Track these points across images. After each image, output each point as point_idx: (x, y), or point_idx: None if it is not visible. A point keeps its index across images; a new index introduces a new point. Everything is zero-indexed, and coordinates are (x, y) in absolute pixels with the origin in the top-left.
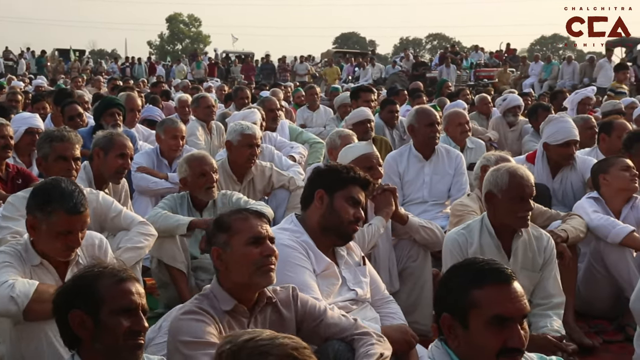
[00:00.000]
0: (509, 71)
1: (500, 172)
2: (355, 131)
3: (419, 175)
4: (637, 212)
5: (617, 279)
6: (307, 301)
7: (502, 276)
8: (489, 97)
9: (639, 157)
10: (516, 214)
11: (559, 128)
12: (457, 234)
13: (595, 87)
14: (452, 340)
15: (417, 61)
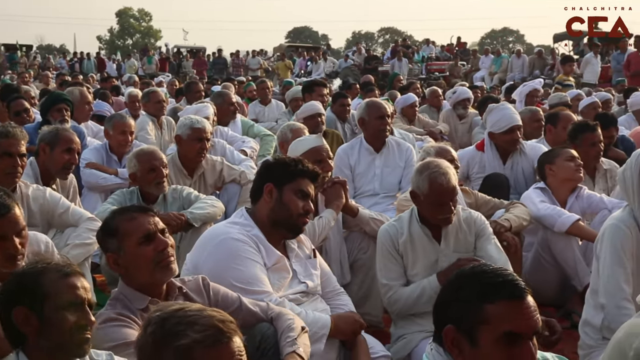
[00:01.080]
0: (460, 64)
1: (422, 176)
2: (306, 125)
3: (370, 167)
4: (582, 201)
5: (563, 267)
6: (218, 290)
7: (516, 291)
8: (439, 90)
9: (584, 147)
10: (437, 216)
11: (501, 116)
12: (389, 226)
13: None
14: (455, 354)
15: (369, 55)
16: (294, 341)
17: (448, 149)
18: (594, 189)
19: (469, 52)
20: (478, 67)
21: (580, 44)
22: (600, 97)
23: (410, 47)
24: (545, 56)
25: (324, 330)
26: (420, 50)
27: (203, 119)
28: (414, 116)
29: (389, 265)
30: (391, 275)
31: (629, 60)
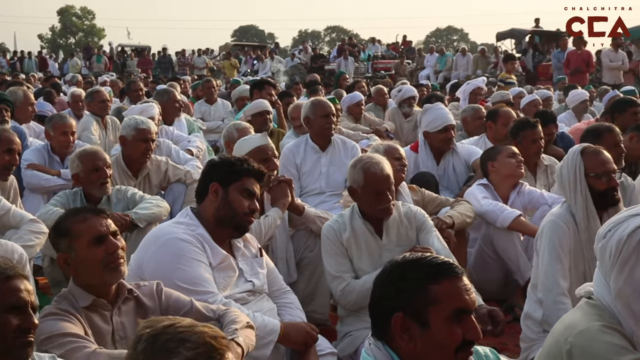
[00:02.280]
0: (406, 63)
1: (356, 169)
2: (254, 122)
3: (316, 166)
4: (523, 197)
5: (506, 262)
6: (170, 294)
7: (456, 270)
8: (384, 89)
9: (525, 144)
10: (377, 207)
11: (435, 115)
12: (333, 222)
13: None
14: (405, 342)
15: (315, 54)
16: (234, 331)
17: (396, 147)
18: (535, 185)
19: (415, 50)
20: (423, 66)
21: (522, 42)
22: (541, 94)
23: (357, 45)
24: (489, 54)
25: (272, 337)
26: (366, 49)
27: (148, 119)
28: (360, 114)
29: (339, 259)
30: (342, 268)
31: (568, 59)
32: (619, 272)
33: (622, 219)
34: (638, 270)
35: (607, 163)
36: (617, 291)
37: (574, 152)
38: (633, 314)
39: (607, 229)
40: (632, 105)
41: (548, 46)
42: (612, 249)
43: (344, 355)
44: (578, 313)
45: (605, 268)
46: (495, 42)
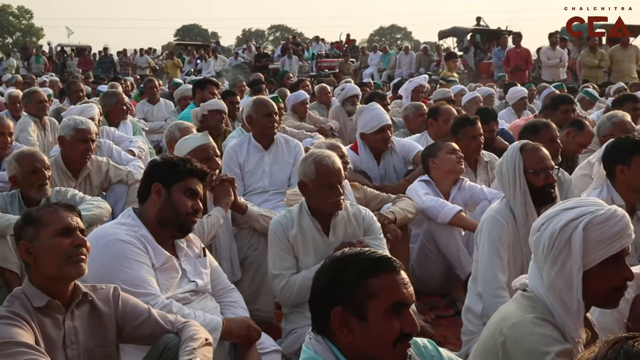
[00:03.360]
0: (350, 61)
1: (307, 162)
2: (211, 118)
3: (259, 165)
4: (464, 192)
5: (447, 257)
6: (128, 300)
7: (393, 264)
8: (328, 87)
9: (465, 140)
10: (327, 200)
11: (371, 116)
12: (281, 217)
13: (428, 76)
14: (344, 335)
15: (259, 52)
16: (192, 350)
17: (338, 145)
18: (475, 181)
19: (358, 49)
20: (367, 64)
21: (464, 40)
22: (482, 92)
23: (300, 44)
24: (432, 53)
25: (215, 334)
26: (311, 48)
27: (87, 119)
28: (304, 113)
29: (283, 255)
30: (284, 265)
31: (508, 57)
32: (551, 265)
33: (555, 212)
34: (569, 263)
35: (545, 160)
36: (549, 283)
37: (513, 148)
38: (564, 305)
39: (540, 222)
40: (565, 103)
41: (489, 44)
42: (545, 242)
43: (288, 353)
44: (513, 305)
45: (538, 261)
46: (438, 41)
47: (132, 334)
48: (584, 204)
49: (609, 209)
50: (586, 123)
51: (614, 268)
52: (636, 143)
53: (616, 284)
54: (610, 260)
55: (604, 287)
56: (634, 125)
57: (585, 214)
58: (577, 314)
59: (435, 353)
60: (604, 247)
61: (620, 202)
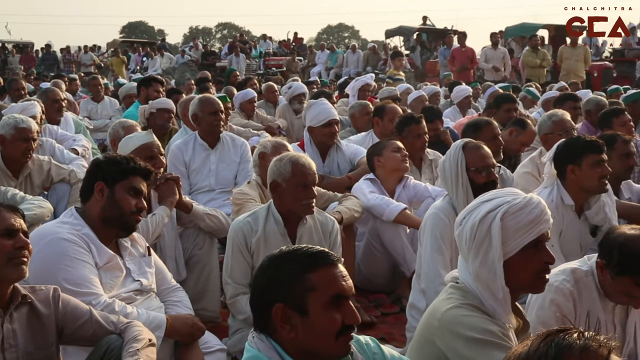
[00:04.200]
0: (297, 60)
1: (283, 162)
2: (159, 116)
3: (205, 163)
4: (409, 190)
5: (392, 255)
6: (68, 301)
7: (331, 257)
8: (275, 86)
9: (410, 139)
10: (301, 202)
11: (319, 110)
12: (243, 222)
13: (374, 75)
14: (287, 331)
15: (206, 50)
16: (136, 352)
17: (284, 144)
18: (420, 179)
19: (306, 47)
20: (315, 63)
21: (410, 39)
22: (428, 90)
23: (248, 42)
24: (379, 51)
25: (159, 332)
26: (258, 46)
27: (28, 118)
28: (252, 112)
29: (235, 264)
30: (236, 276)
31: (453, 56)
32: (475, 256)
33: (474, 205)
34: (491, 252)
35: (487, 158)
36: (475, 273)
37: (456, 147)
38: (492, 293)
39: (462, 216)
40: (507, 102)
41: (435, 43)
42: (467, 235)
43: (234, 351)
44: (443, 296)
45: (463, 253)
46: (385, 39)
47: (73, 336)
48: (500, 195)
49: (525, 197)
50: (528, 122)
51: (535, 254)
52: (587, 143)
53: (538, 268)
54: (530, 246)
55: (528, 273)
56: (573, 124)
57: (502, 204)
58: (504, 301)
59: (377, 350)
60: (523, 234)
61: (569, 201)
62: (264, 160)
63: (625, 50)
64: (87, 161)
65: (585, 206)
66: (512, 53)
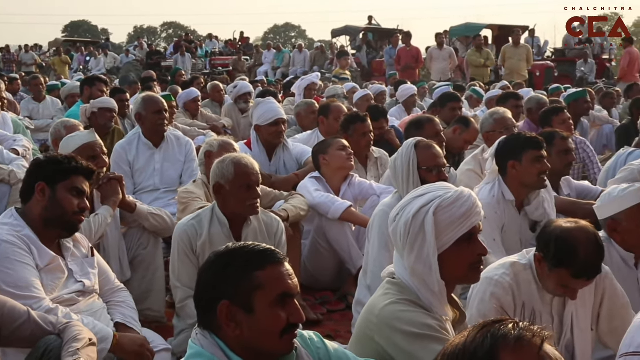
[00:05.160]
0: (244, 59)
1: (225, 163)
2: (100, 116)
3: (150, 163)
4: (354, 188)
5: (338, 252)
6: (5, 303)
7: (278, 256)
8: (220, 85)
9: (355, 137)
10: (245, 203)
11: (266, 109)
12: (187, 225)
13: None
14: (232, 329)
15: (151, 50)
16: (76, 351)
17: (231, 143)
18: (366, 177)
19: (252, 47)
20: (261, 62)
21: (357, 39)
22: (374, 90)
23: (194, 42)
24: (326, 51)
25: (104, 344)
26: (204, 45)
27: None
28: (196, 111)
29: (182, 268)
30: (184, 279)
31: (399, 55)
32: (410, 251)
33: (407, 201)
34: (426, 247)
35: (438, 157)
36: (411, 268)
37: (408, 145)
38: (428, 287)
39: (395, 212)
40: (452, 101)
41: (381, 43)
42: (401, 231)
43: (179, 352)
44: (380, 292)
45: (398, 249)
46: (331, 39)
47: (11, 337)
48: (432, 190)
49: (456, 192)
50: (472, 120)
51: (468, 246)
52: (527, 140)
53: (472, 260)
54: (463, 239)
55: (462, 265)
56: (514, 121)
57: (435, 199)
58: (441, 294)
59: (321, 345)
60: (456, 228)
61: (510, 197)
62: (210, 159)
63: (566, 50)
64: (28, 162)
65: (525, 202)
66: (457, 53)
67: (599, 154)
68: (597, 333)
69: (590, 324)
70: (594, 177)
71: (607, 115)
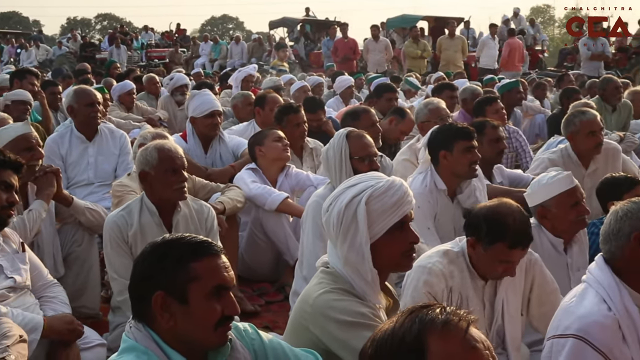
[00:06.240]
0: (181, 51)
1: (149, 150)
2: (14, 109)
3: (83, 156)
4: (290, 179)
5: (276, 244)
6: None
7: (214, 248)
8: (156, 77)
9: (289, 128)
10: (172, 187)
11: (202, 101)
12: (117, 217)
13: (257, 66)
14: (166, 320)
15: (85, 42)
16: (5, 348)
17: (165, 135)
18: (302, 168)
19: (189, 38)
20: (198, 54)
21: (294, 30)
22: (311, 81)
23: (129, 34)
24: (263, 42)
25: (35, 334)
26: (140, 37)
27: None
28: (131, 104)
29: (117, 259)
30: (121, 270)
31: (335, 47)
32: (343, 241)
33: (340, 191)
34: (359, 236)
35: (369, 147)
36: (344, 257)
37: (340, 135)
38: (361, 275)
39: (328, 202)
40: (388, 91)
41: (319, 34)
42: (334, 220)
43: (115, 347)
44: (314, 282)
45: (332, 238)
46: (269, 31)
47: None
48: (364, 180)
49: (387, 181)
50: (407, 111)
51: (400, 234)
52: (459, 130)
53: (404, 248)
54: (395, 227)
55: (394, 253)
56: (448, 112)
57: (366, 189)
58: (373, 282)
59: (255, 336)
60: (388, 216)
61: (442, 186)
62: None
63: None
64: None
65: (457, 190)
66: (393, 44)
67: (532, 143)
68: (528, 318)
69: (520, 310)
70: (526, 165)
71: (539, 105)
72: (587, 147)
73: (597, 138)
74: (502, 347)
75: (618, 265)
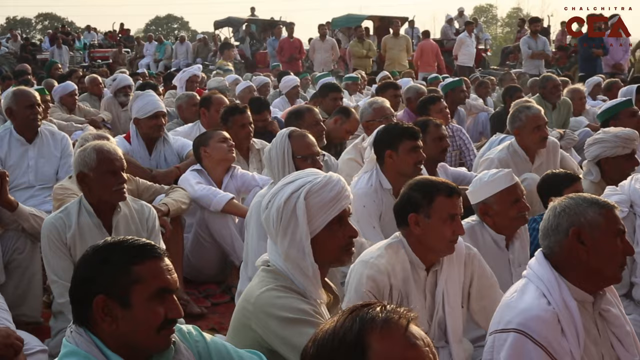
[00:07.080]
0: (124, 51)
1: (87, 151)
2: None
3: (23, 159)
4: (236, 180)
5: (221, 245)
6: None
7: (157, 251)
8: (99, 78)
9: (234, 129)
10: (111, 189)
11: (146, 102)
12: (55, 218)
13: (202, 66)
14: (107, 324)
15: (26, 42)
16: None
17: (106, 136)
18: (247, 168)
19: (133, 38)
20: (143, 54)
21: (240, 30)
22: (257, 81)
23: (71, 34)
24: (209, 42)
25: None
26: (82, 37)
27: None
28: (73, 105)
29: (56, 261)
30: (61, 273)
31: (281, 47)
32: (283, 237)
33: (278, 188)
34: (299, 231)
35: (312, 146)
36: (285, 254)
37: (282, 135)
38: (302, 271)
39: (267, 200)
40: (333, 91)
41: (264, 34)
42: (274, 217)
43: (56, 353)
44: (256, 280)
45: (272, 235)
46: (214, 31)
47: None
48: (302, 176)
49: (325, 176)
50: (352, 110)
51: (339, 228)
52: (403, 130)
53: (344, 242)
54: (335, 222)
55: (334, 247)
56: (393, 111)
57: (305, 184)
58: (314, 277)
59: (199, 338)
60: (327, 211)
61: (387, 185)
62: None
63: (444, 41)
64: None
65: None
66: (339, 44)
67: (475, 141)
68: (469, 312)
69: (461, 302)
70: (470, 163)
71: (482, 104)
72: (533, 141)
73: (542, 132)
74: (445, 340)
75: (557, 260)
